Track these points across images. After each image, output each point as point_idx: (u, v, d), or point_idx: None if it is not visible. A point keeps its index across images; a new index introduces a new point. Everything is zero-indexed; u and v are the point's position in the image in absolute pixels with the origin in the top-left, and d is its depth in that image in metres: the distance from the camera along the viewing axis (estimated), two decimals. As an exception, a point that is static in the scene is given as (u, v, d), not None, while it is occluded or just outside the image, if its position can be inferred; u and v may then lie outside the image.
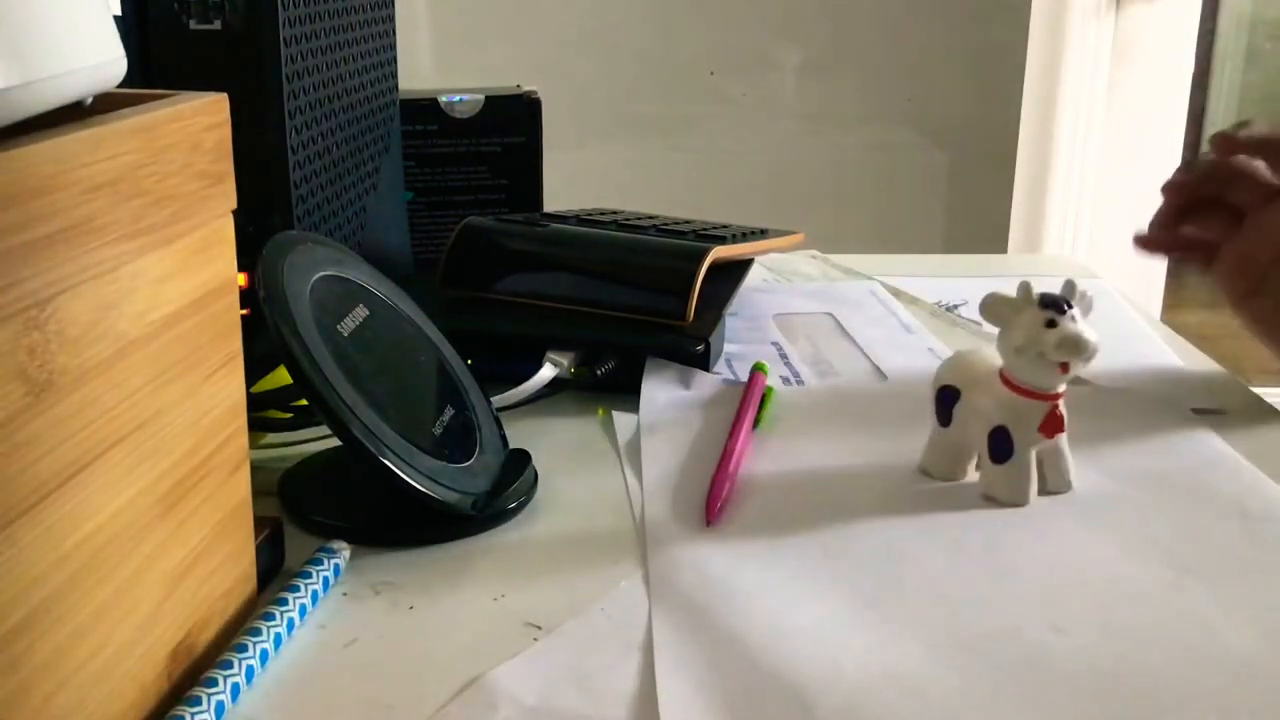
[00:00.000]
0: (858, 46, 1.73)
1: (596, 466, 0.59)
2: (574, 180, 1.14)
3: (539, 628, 0.45)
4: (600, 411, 0.64)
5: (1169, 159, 1.80)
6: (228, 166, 0.42)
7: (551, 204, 0.88)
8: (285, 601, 0.44)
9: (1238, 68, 3.39)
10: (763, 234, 0.81)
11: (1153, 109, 1.76)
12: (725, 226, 0.81)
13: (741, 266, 0.79)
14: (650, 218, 0.82)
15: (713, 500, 0.53)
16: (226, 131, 0.42)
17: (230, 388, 0.43)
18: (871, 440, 0.60)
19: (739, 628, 0.44)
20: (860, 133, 1.76)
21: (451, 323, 0.62)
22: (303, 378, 0.48)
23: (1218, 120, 3.38)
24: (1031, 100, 1.72)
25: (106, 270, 0.35)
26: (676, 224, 0.80)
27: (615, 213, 0.83)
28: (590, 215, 0.81)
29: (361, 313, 0.53)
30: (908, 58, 1.72)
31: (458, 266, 0.71)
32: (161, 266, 0.38)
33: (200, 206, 0.40)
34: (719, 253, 0.71)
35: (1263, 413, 0.67)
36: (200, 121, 0.40)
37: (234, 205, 0.42)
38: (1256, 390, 0.72)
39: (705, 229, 0.78)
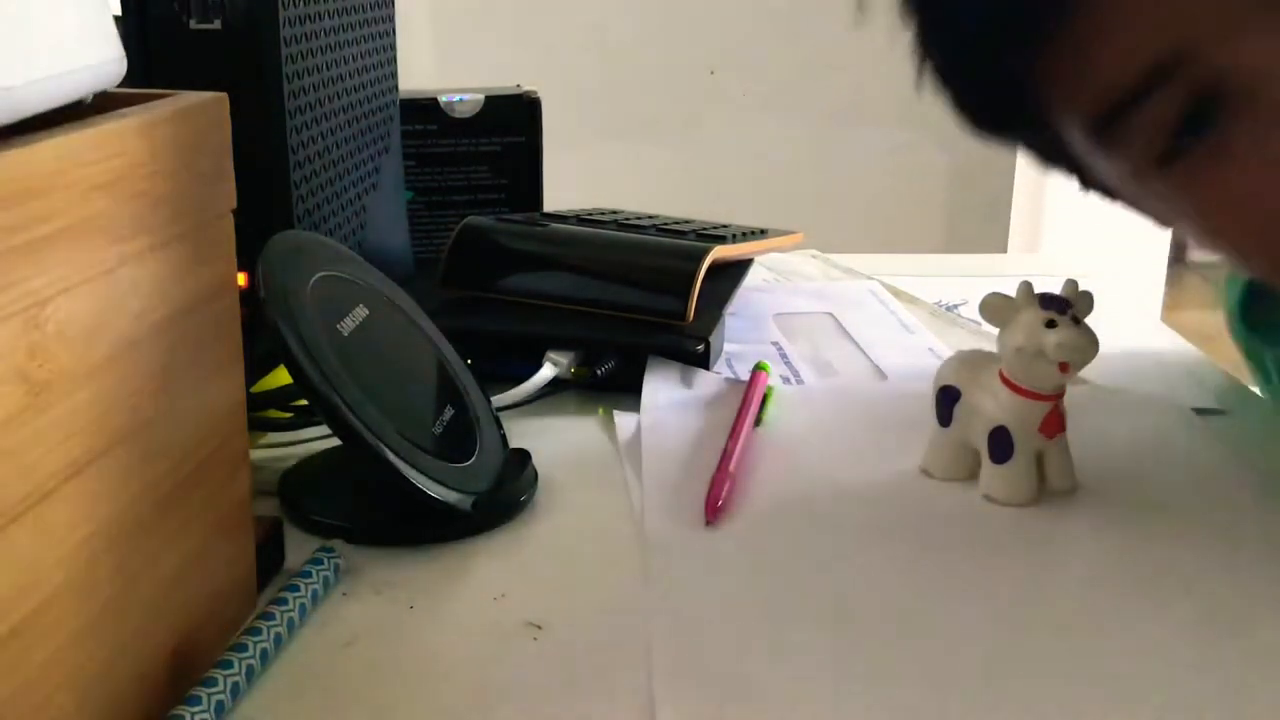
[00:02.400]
0: (857, 46, 1.72)
1: (597, 466, 0.58)
2: (574, 180, 1.14)
3: (539, 627, 0.45)
4: (601, 411, 0.64)
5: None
6: (228, 166, 0.42)
7: (551, 204, 0.88)
8: (285, 601, 0.44)
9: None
10: (763, 234, 0.81)
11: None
12: (725, 226, 0.81)
13: (741, 266, 0.79)
14: (650, 217, 0.82)
15: (712, 499, 0.53)
16: (227, 131, 0.42)
17: (230, 388, 0.43)
18: (872, 440, 0.60)
19: (737, 627, 0.44)
20: (861, 132, 1.76)
21: (451, 322, 0.62)
22: (303, 377, 0.48)
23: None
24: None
25: (107, 270, 0.35)
26: (676, 224, 0.80)
27: (615, 212, 0.83)
28: (590, 215, 0.81)
29: (361, 312, 0.53)
30: (908, 60, 1.72)
31: (457, 266, 0.71)
32: (162, 266, 0.38)
33: (200, 206, 0.40)
34: (719, 253, 0.71)
35: (1263, 413, 0.67)
36: (200, 121, 0.40)
37: (234, 205, 0.42)
38: (1256, 390, 0.72)
39: (705, 229, 0.78)
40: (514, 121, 0.85)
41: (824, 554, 0.50)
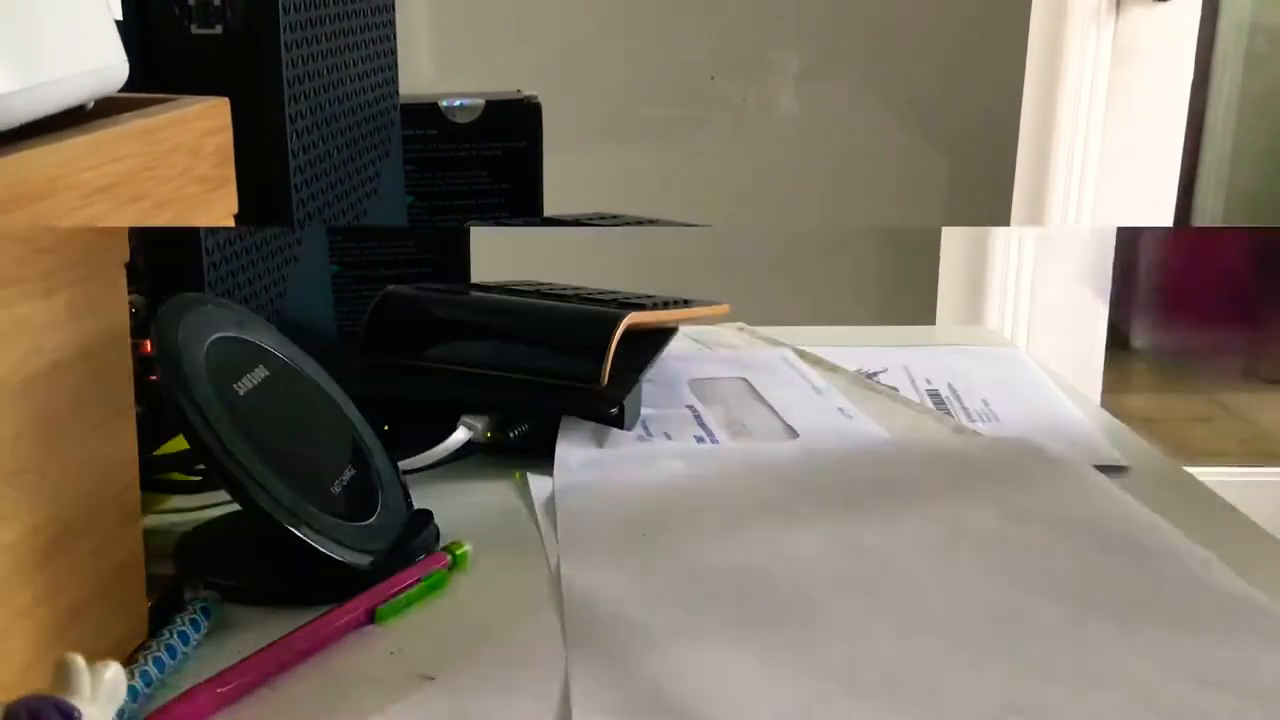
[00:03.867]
0: (858, 51, 1.74)
1: (508, 527, 0.59)
2: (575, 184, 1.12)
3: (431, 679, 0.45)
4: (516, 475, 0.64)
5: (1169, 162, 1.79)
6: (229, 170, 0.43)
7: (553, 208, 0.88)
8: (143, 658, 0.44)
9: (1237, 73, 3.43)
10: (686, 304, 0.82)
11: (1152, 112, 1.76)
12: (650, 296, 0.82)
13: (664, 335, 0.80)
14: (575, 288, 0.84)
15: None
16: (228, 136, 0.42)
17: (120, 440, 0.44)
18: (781, 490, 0.61)
19: (658, 680, 0.45)
20: (861, 136, 1.76)
21: (369, 388, 0.63)
22: (190, 433, 0.48)
23: (1218, 125, 3.43)
24: (1031, 104, 1.73)
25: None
26: (600, 293, 0.81)
27: (542, 284, 0.85)
28: (516, 285, 0.82)
29: (261, 373, 0.54)
30: (908, 65, 1.74)
31: (378, 333, 0.72)
32: (47, 314, 0.38)
33: (89, 258, 0.41)
34: (634, 319, 0.72)
35: (1165, 469, 0.68)
36: (201, 125, 0.40)
37: (126, 258, 0.43)
38: (1194, 470, 0.71)
39: (628, 298, 0.79)
40: (515, 126, 0.85)
41: (735, 594, 0.51)
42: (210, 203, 0.41)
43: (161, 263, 0.60)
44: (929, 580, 0.52)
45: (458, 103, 0.84)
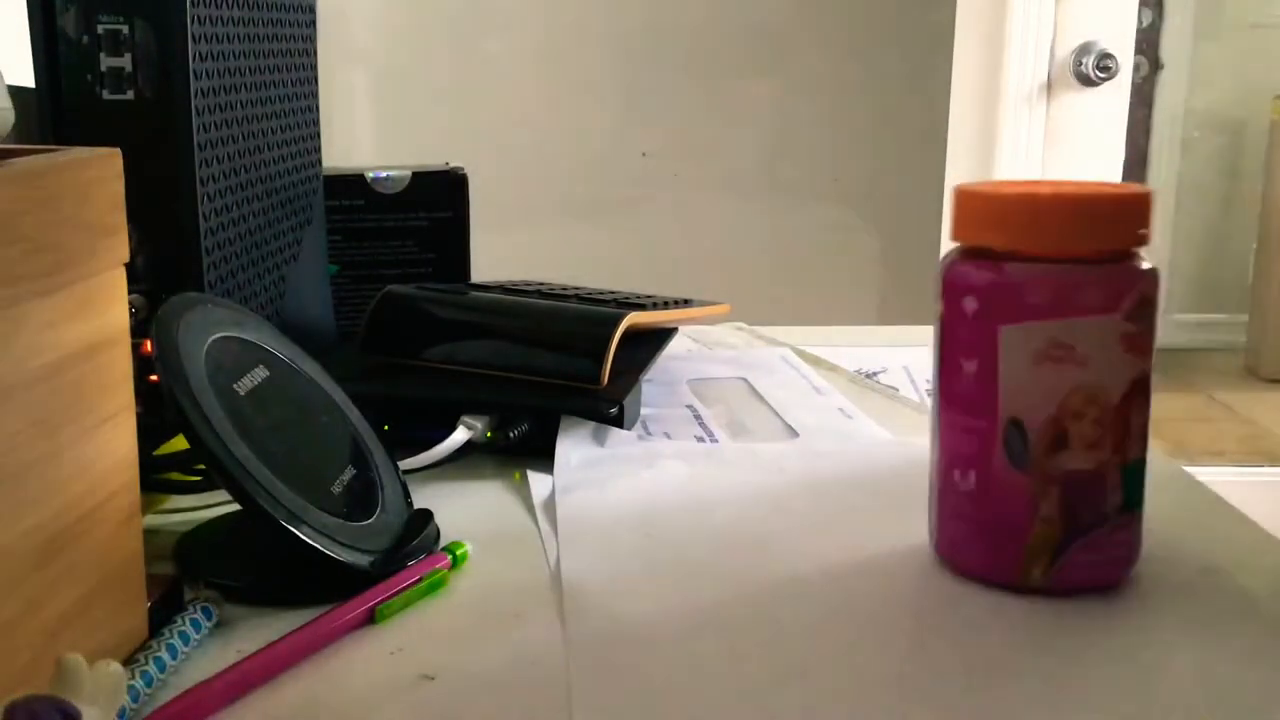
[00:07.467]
0: (788, 129, 1.78)
1: (509, 526, 0.59)
2: (505, 260, 1.16)
3: (431, 678, 0.45)
4: (516, 475, 0.64)
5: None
6: (119, 220, 0.43)
7: (480, 278, 0.89)
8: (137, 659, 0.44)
9: (1174, 159, 3.47)
10: (687, 304, 0.82)
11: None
12: (649, 297, 0.82)
13: (663, 335, 0.80)
14: (576, 288, 0.84)
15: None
16: (118, 187, 0.43)
17: (120, 440, 0.44)
18: (784, 494, 0.61)
19: (658, 679, 0.45)
20: (794, 213, 1.80)
21: (369, 388, 0.63)
22: (189, 431, 0.48)
23: (1156, 210, 3.47)
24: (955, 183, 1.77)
25: (-14, 313, 0.35)
26: (600, 293, 0.81)
27: (541, 283, 0.85)
28: (515, 285, 0.82)
29: (261, 373, 0.54)
30: (839, 140, 1.77)
31: (377, 333, 0.72)
32: (45, 314, 0.39)
33: (89, 257, 0.41)
34: (635, 319, 0.72)
35: (1165, 469, 0.67)
36: (88, 174, 0.41)
37: (126, 258, 0.43)
38: (1194, 469, 0.70)
39: (628, 298, 0.79)
40: (441, 197, 0.86)
41: (736, 601, 0.50)
42: (99, 250, 0.41)
43: (161, 263, 0.60)
44: (930, 581, 0.52)
45: (384, 174, 0.86)
